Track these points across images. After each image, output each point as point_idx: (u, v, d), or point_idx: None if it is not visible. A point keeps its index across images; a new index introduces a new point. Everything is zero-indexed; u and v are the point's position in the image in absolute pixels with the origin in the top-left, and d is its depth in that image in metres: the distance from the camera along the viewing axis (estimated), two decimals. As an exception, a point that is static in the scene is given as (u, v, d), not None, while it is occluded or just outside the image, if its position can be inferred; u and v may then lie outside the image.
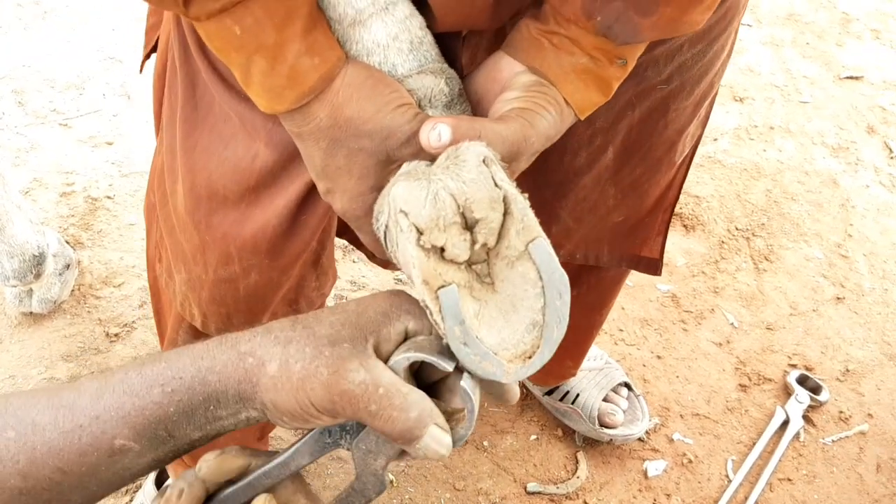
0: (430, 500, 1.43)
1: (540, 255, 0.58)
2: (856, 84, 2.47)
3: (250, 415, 0.59)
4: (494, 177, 0.58)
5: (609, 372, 1.52)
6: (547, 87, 0.68)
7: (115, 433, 0.58)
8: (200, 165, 0.86)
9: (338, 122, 0.64)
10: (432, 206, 0.56)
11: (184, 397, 0.58)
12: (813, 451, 1.60)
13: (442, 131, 0.61)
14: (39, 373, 1.50)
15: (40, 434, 0.57)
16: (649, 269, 1.15)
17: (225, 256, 0.90)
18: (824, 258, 1.95)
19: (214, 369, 0.58)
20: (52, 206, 1.76)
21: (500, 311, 0.59)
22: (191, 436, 0.59)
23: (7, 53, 2.10)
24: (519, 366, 0.58)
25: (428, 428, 0.55)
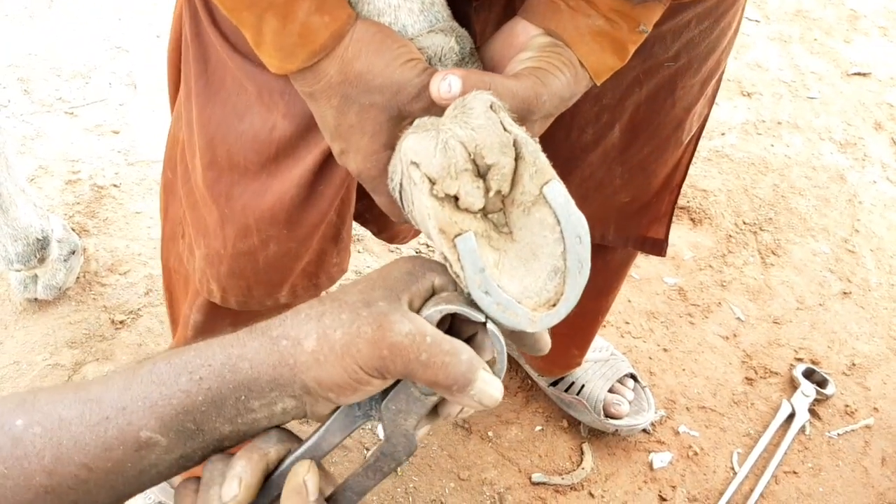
0: (435, 489, 1.43)
1: (555, 197, 0.57)
2: (863, 80, 2.46)
3: (286, 405, 0.57)
4: (503, 122, 0.57)
5: (615, 363, 1.52)
6: (562, 48, 0.68)
7: (142, 424, 0.55)
8: (219, 139, 0.86)
9: (348, 78, 0.64)
10: (443, 154, 0.56)
11: (213, 385, 0.56)
12: (818, 444, 1.59)
13: (452, 82, 0.61)
14: (44, 359, 1.50)
15: (66, 429, 0.56)
16: (655, 249, 1.15)
17: (244, 229, 0.90)
18: (831, 253, 1.95)
19: (246, 356, 0.56)
20: (57, 193, 1.76)
21: (521, 260, 0.58)
22: (220, 430, 0.57)
23: (13, 42, 2.10)
24: (544, 313, 0.57)
25: (479, 371, 0.53)
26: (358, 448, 1.45)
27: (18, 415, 0.56)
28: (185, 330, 1.11)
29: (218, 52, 0.82)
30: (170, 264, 1.12)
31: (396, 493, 1.41)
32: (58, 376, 1.48)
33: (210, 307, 1.05)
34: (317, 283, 1.00)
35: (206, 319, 1.07)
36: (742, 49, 2.48)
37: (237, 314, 1.06)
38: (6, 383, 1.46)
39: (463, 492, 1.43)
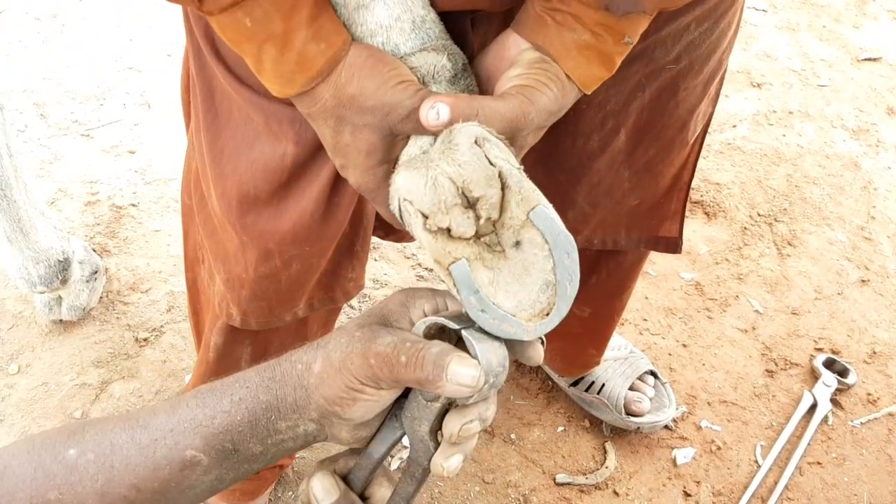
0: (460, 493, 1.44)
1: (542, 221, 0.61)
2: (874, 66, 2.44)
3: (307, 428, 0.63)
4: (488, 155, 0.61)
5: (634, 361, 1.53)
6: (549, 64, 0.69)
7: (188, 444, 0.62)
8: (229, 170, 0.88)
9: (342, 101, 0.67)
10: (433, 192, 0.60)
11: (250, 405, 0.62)
12: (842, 434, 1.59)
13: (440, 110, 0.63)
14: (71, 379, 1.53)
15: (118, 452, 0.62)
16: (669, 248, 1.16)
17: (264, 253, 0.92)
18: (848, 241, 1.94)
19: (275, 378, 0.63)
20: (77, 215, 1.79)
21: (514, 276, 0.63)
22: (253, 449, 0.63)
23: (28, 67, 2.13)
24: (538, 323, 0.62)
25: (449, 357, 0.58)
26: (382, 455, 1.46)
27: (70, 445, 0.62)
28: (207, 352, 1.13)
29: (223, 85, 0.84)
30: (197, 285, 1.14)
31: (422, 499, 1.43)
32: (85, 396, 1.51)
33: (229, 330, 1.07)
34: (332, 297, 1.01)
35: (225, 342, 1.09)
36: (750, 39, 2.47)
37: (256, 334, 1.08)
38: (36, 405, 1.49)
39: (488, 495, 1.44)
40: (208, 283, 1.06)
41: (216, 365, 1.13)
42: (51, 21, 2.28)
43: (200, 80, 0.87)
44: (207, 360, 1.14)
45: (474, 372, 0.59)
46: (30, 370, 1.54)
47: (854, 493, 1.51)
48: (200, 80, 0.87)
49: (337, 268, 0.98)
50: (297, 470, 1.44)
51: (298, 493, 0.67)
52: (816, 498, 1.50)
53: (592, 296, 1.31)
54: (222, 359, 1.12)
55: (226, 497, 1.31)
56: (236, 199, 0.89)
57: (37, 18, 2.29)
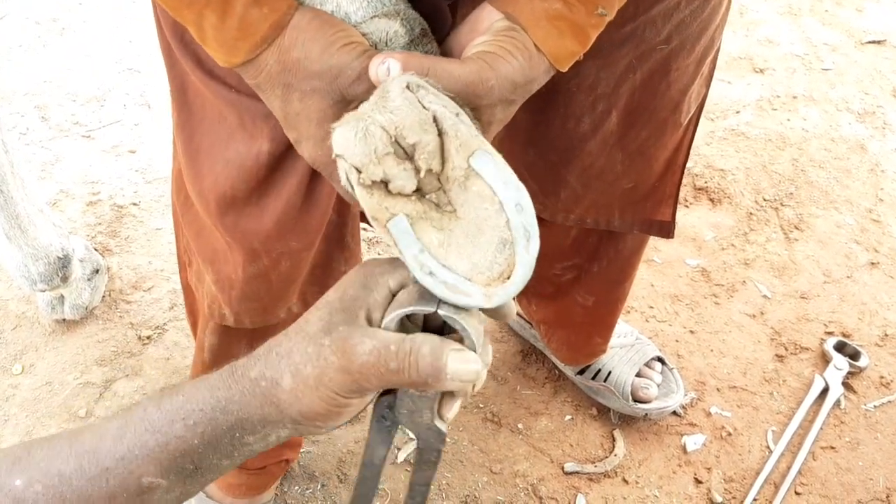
0: (468, 484, 1.42)
1: (483, 167, 0.56)
2: (879, 48, 2.42)
3: (280, 434, 0.59)
4: (422, 100, 0.57)
5: (641, 347, 1.51)
6: (517, 32, 0.66)
7: (142, 472, 0.58)
8: (206, 170, 0.86)
9: (287, 66, 0.64)
10: (363, 142, 0.55)
11: (207, 429, 0.58)
12: (855, 417, 1.56)
13: (391, 65, 0.60)
14: (75, 378, 1.52)
15: (67, 483, 0.57)
16: (662, 232, 1.14)
17: (251, 253, 0.89)
18: (856, 224, 1.92)
19: (233, 399, 0.58)
20: (79, 215, 1.79)
21: (467, 237, 0.57)
22: (218, 465, 0.60)
23: (29, 70, 2.14)
24: (498, 287, 0.56)
25: (446, 356, 0.54)
26: (389, 448, 1.45)
27: (16, 474, 0.57)
28: (202, 353, 1.11)
29: (194, 82, 0.82)
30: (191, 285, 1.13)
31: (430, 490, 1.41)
32: (89, 395, 1.50)
33: (224, 329, 1.05)
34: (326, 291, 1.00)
35: (220, 342, 1.08)
36: (752, 25, 2.45)
37: (252, 332, 1.07)
38: (40, 404, 1.48)
39: (496, 485, 1.43)
40: (196, 286, 1.04)
41: (212, 366, 1.12)
42: (51, 25, 2.28)
43: (172, 78, 0.85)
44: (203, 361, 1.13)
45: (476, 365, 0.55)
46: (34, 370, 1.53)
47: (869, 477, 1.49)
48: (172, 78, 0.85)
49: (328, 260, 0.96)
50: (303, 464, 1.43)
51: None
52: (830, 483, 1.47)
53: (595, 284, 1.30)
54: (218, 360, 1.11)
55: (232, 492, 1.30)
56: (214, 199, 0.86)
57: (37, 23, 2.29)
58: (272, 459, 1.28)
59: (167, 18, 0.80)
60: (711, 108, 2.18)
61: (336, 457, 1.44)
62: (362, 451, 0.65)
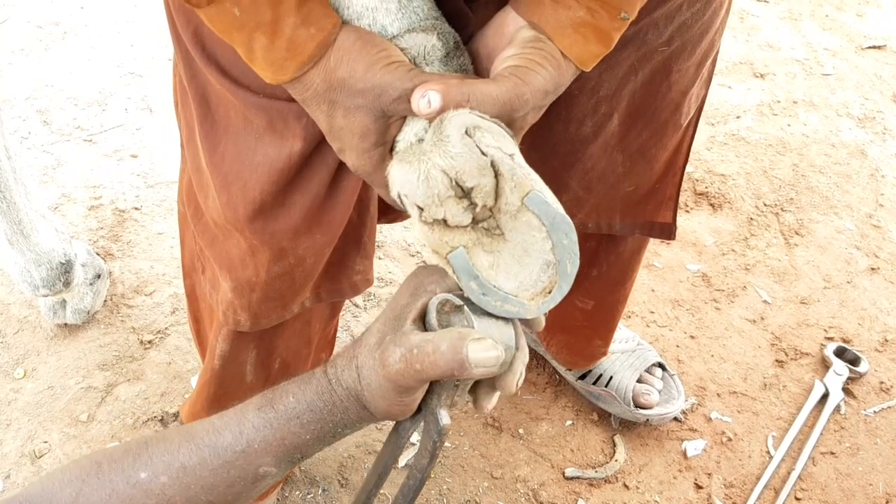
0: (469, 489, 1.43)
1: (537, 206, 0.62)
2: (879, 53, 2.43)
3: (370, 423, 0.69)
4: (479, 145, 0.61)
5: (642, 353, 1.51)
6: (544, 42, 0.69)
7: (260, 462, 0.66)
8: (233, 177, 0.87)
9: (332, 85, 0.67)
10: (426, 185, 0.61)
11: (317, 426, 0.67)
12: (855, 423, 1.57)
13: (431, 98, 0.63)
14: (77, 382, 1.52)
15: (192, 475, 0.65)
16: (663, 234, 1.15)
17: (278, 253, 0.91)
18: (856, 229, 1.92)
19: (336, 404, 0.67)
20: (81, 220, 1.79)
21: (514, 258, 0.64)
22: (317, 451, 0.69)
23: (30, 74, 2.14)
24: (540, 301, 0.63)
25: (466, 347, 0.60)
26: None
27: (139, 468, 0.65)
28: (213, 359, 1.12)
29: (217, 90, 0.83)
30: (195, 292, 1.14)
31: (430, 494, 1.41)
32: (91, 399, 1.50)
33: (235, 335, 1.06)
34: (339, 289, 1.00)
35: (231, 348, 1.09)
36: (752, 31, 2.46)
37: (260, 338, 1.07)
38: (42, 408, 1.49)
39: (497, 490, 1.43)
40: (210, 293, 1.04)
41: (221, 371, 1.12)
42: (52, 29, 2.29)
43: (193, 89, 0.86)
44: (213, 368, 1.13)
45: (495, 351, 0.60)
46: (35, 374, 1.53)
47: (869, 482, 1.49)
48: (193, 89, 0.86)
49: (345, 258, 0.97)
50: (304, 469, 1.43)
51: None
52: (830, 488, 1.48)
53: (595, 288, 1.30)
54: (227, 365, 1.11)
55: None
56: (244, 206, 0.88)
57: (39, 27, 2.29)
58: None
59: (188, 29, 0.81)
60: (712, 113, 2.19)
61: (337, 461, 1.44)
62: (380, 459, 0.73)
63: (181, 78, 0.88)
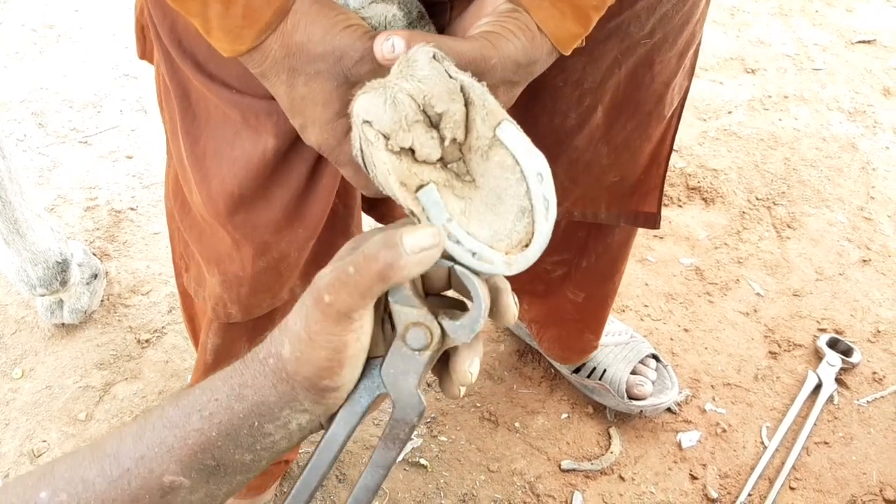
0: (466, 483, 1.44)
1: (509, 137, 0.58)
2: (869, 48, 2.44)
3: (300, 420, 0.58)
4: (448, 70, 0.58)
5: (635, 345, 1.52)
6: (519, 13, 0.67)
7: (163, 470, 0.57)
8: (213, 172, 0.87)
9: (290, 51, 0.65)
10: (392, 108, 0.56)
11: (223, 418, 0.57)
12: (848, 413, 1.58)
13: (395, 42, 0.61)
14: (75, 381, 1.53)
15: (90, 489, 0.57)
16: (648, 223, 1.16)
17: (262, 246, 0.91)
18: (848, 222, 1.94)
19: (247, 383, 0.58)
20: (77, 221, 1.80)
21: (487, 205, 0.58)
22: (241, 460, 0.58)
23: (25, 77, 2.15)
24: (518, 255, 0.58)
25: (398, 234, 0.54)
26: (387, 448, 1.46)
27: (41, 488, 0.57)
28: (205, 355, 1.12)
29: (197, 86, 0.83)
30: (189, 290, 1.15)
31: (428, 489, 1.42)
32: (89, 398, 1.51)
33: (226, 328, 1.07)
34: None
35: (223, 341, 1.09)
36: (743, 26, 2.48)
37: (253, 326, 1.08)
38: (40, 408, 1.49)
39: (494, 483, 1.44)
40: (196, 290, 1.05)
41: (214, 367, 1.13)
42: (47, 32, 2.30)
43: (174, 85, 0.86)
44: (206, 363, 1.14)
45: (429, 229, 0.54)
46: (33, 374, 1.54)
47: (863, 471, 1.50)
48: (174, 85, 0.86)
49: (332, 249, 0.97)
50: (302, 465, 1.44)
51: None
52: (824, 477, 1.49)
53: (585, 280, 1.32)
54: (221, 358, 1.12)
55: (230, 492, 1.31)
56: (223, 200, 0.87)
57: (33, 30, 2.30)
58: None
59: (165, 25, 0.81)
60: (704, 109, 2.20)
61: (335, 457, 1.45)
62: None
63: (163, 75, 0.89)
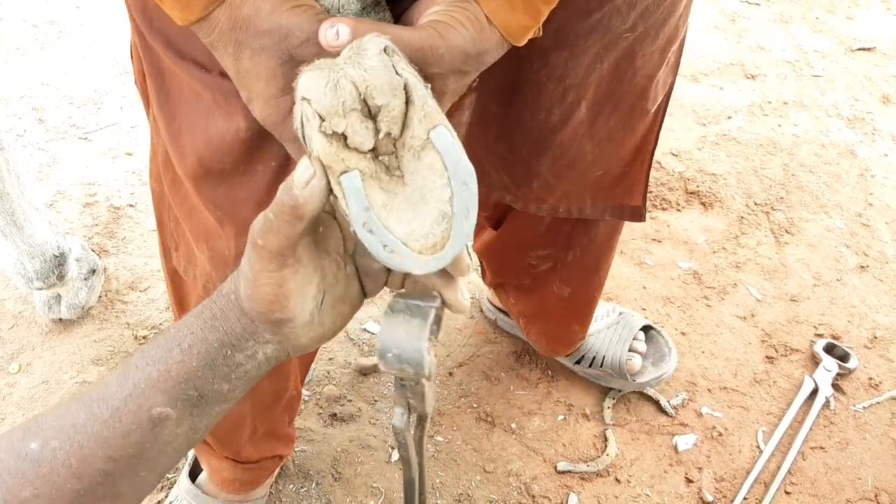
0: (462, 483, 1.44)
1: (442, 142, 0.58)
2: (868, 55, 2.45)
3: (266, 351, 0.63)
4: (396, 66, 0.58)
5: (626, 321, 1.54)
6: (468, 4, 0.66)
7: (151, 403, 0.61)
8: (189, 149, 0.87)
9: (237, 24, 0.65)
10: (333, 92, 0.57)
11: (201, 348, 0.62)
12: (844, 418, 1.58)
13: (340, 30, 0.61)
14: (71, 377, 1.53)
15: (82, 431, 0.60)
16: (633, 216, 1.16)
17: (243, 224, 0.90)
18: (846, 228, 1.94)
19: (216, 316, 0.63)
20: (76, 217, 1.80)
21: (410, 203, 0.59)
22: (219, 389, 0.63)
23: (26, 73, 2.15)
24: (430, 257, 0.58)
25: (291, 178, 0.58)
26: (383, 448, 1.46)
27: (29, 439, 0.60)
28: None
29: (168, 64, 0.83)
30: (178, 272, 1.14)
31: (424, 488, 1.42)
32: (85, 393, 1.51)
33: None
34: None
35: None
36: (744, 32, 2.48)
37: None
38: (36, 403, 1.49)
39: (489, 484, 1.44)
40: (186, 268, 1.05)
41: None
42: (48, 28, 2.30)
43: (148, 64, 0.86)
44: None
45: (303, 162, 0.58)
46: (30, 369, 1.54)
47: (858, 476, 1.50)
48: (148, 64, 0.86)
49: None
50: (297, 463, 1.44)
51: None
52: (820, 482, 1.49)
53: (570, 273, 1.32)
54: None
55: (226, 487, 1.31)
56: (202, 176, 0.87)
57: (34, 26, 2.30)
58: (266, 454, 1.29)
59: (137, 4, 0.81)
60: (703, 114, 2.21)
61: (331, 455, 1.45)
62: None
63: (139, 54, 0.88)
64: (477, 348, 1.63)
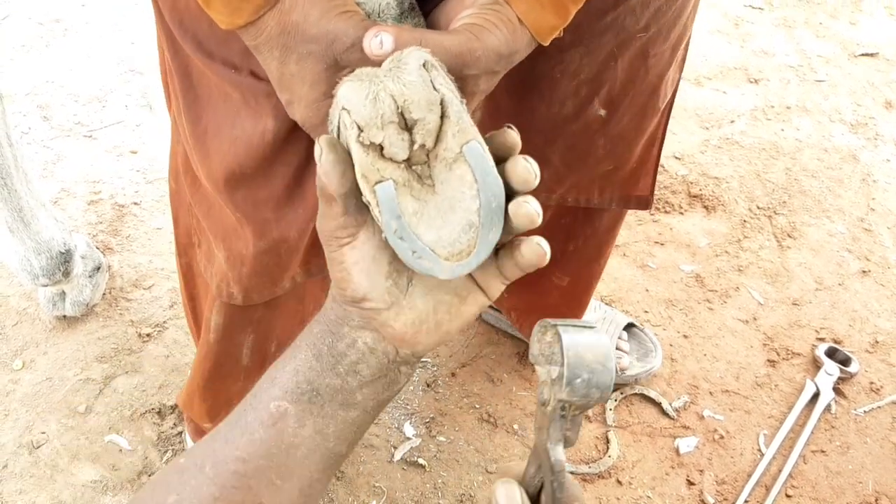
0: (464, 483, 1.44)
1: (473, 157, 0.60)
2: (871, 61, 2.46)
3: (365, 340, 0.65)
4: (434, 81, 0.60)
5: (611, 319, 1.55)
6: (500, 6, 0.69)
7: (268, 397, 0.64)
8: (214, 150, 0.88)
9: (286, 29, 0.67)
10: (372, 104, 0.59)
11: (308, 340, 0.65)
12: (845, 422, 1.59)
13: (384, 39, 0.63)
14: (75, 374, 1.53)
15: (214, 437, 0.64)
16: (640, 205, 1.18)
17: (261, 225, 0.91)
18: (848, 233, 1.95)
19: (321, 311, 0.67)
20: (80, 214, 1.80)
21: (439, 211, 0.61)
22: (331, 384, 0.64)
23: (31, 70, 2.15)
24: (455, 263, 0.61)
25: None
26: (385, 447, 1.47)
27: (169, 492, 0.63)
28: (208, 334, 1.13)
29: (197, 65, 0.84)
30: (192, 269, 1.15)
31: (426, 488, 1.43)
32: (89, 391, 1.51)
33: (229, 309, 1.07)
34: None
35: (225, 322, 1.09)
36: (747, 37, 2.49)
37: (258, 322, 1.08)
38: (40, 399, 1.50)
39: (491, 485, 1.44)
40: (205, 266, 1.06)
41: (217, 346, 1.13)
42: (54, 25, 2.30)
43: (176, 64, 0.87)
44: (208, 342, 1.14)
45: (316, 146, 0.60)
46: (34, 366, 1.54)
47: (859, 480, 1.51)
48: (176, 64, 0.87)
49: None
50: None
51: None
52: (820, 486, 1.49)
53: (570, 263, 1.33)
54: (223, 341, 1.12)
55: None
56: (223, 177, 0.88)
57: (40, 23, 2.31)
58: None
59: (167, 4, 0.82)
60: (706, 117, 2.21)
61: (333, 455, 1.45)
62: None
63: (166, 55, 0.89)
64: (479, 349, 1.64)
